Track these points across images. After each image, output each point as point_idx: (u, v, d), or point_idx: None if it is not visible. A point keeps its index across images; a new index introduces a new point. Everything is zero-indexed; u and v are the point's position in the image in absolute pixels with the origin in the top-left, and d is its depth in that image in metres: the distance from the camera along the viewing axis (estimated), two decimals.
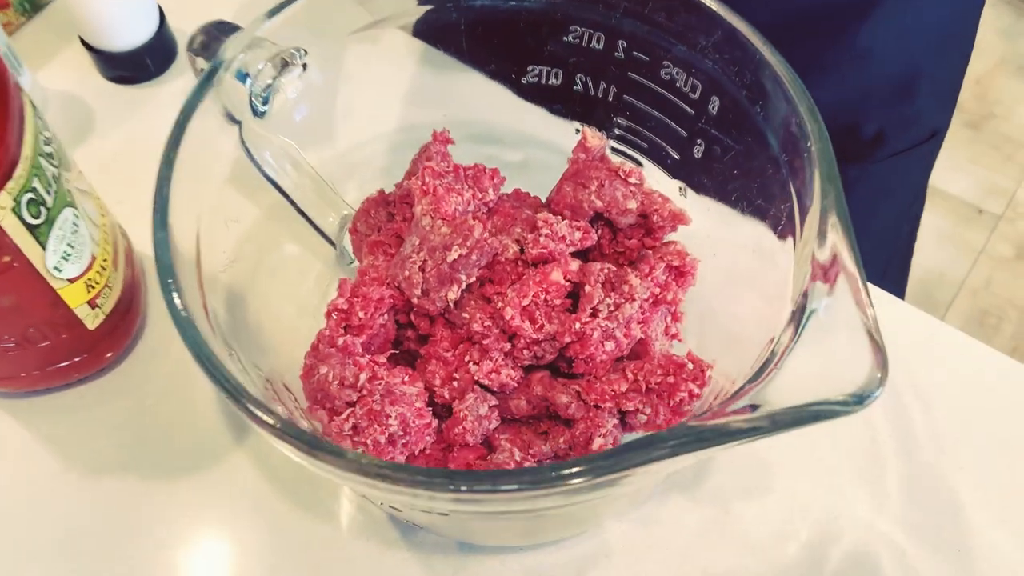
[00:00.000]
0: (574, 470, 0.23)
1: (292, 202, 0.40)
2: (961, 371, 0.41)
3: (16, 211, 0.31)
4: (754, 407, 0.25)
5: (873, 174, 0.56)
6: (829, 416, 0.24)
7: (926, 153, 0.59)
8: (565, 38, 0.36)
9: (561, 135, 0.41)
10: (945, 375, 0.41)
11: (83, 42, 0.49)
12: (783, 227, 0.30)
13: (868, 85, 0.51)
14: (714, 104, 0.33)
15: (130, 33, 0.48)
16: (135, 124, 0.50)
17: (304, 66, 0.34)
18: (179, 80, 0.52)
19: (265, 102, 0.34)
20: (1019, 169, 1.53)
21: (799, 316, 0.26)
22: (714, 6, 0.31)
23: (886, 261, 0.63)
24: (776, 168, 0.30)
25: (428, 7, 0.37)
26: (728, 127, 0.33)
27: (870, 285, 0.43)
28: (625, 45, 0.35)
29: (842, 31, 0.48)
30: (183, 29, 0.53)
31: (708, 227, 0.37)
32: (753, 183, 0.33)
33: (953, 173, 1.52)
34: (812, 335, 0.26)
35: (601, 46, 0.36)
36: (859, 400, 0.24)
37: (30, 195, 0.31)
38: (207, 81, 0.31)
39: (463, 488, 0.24)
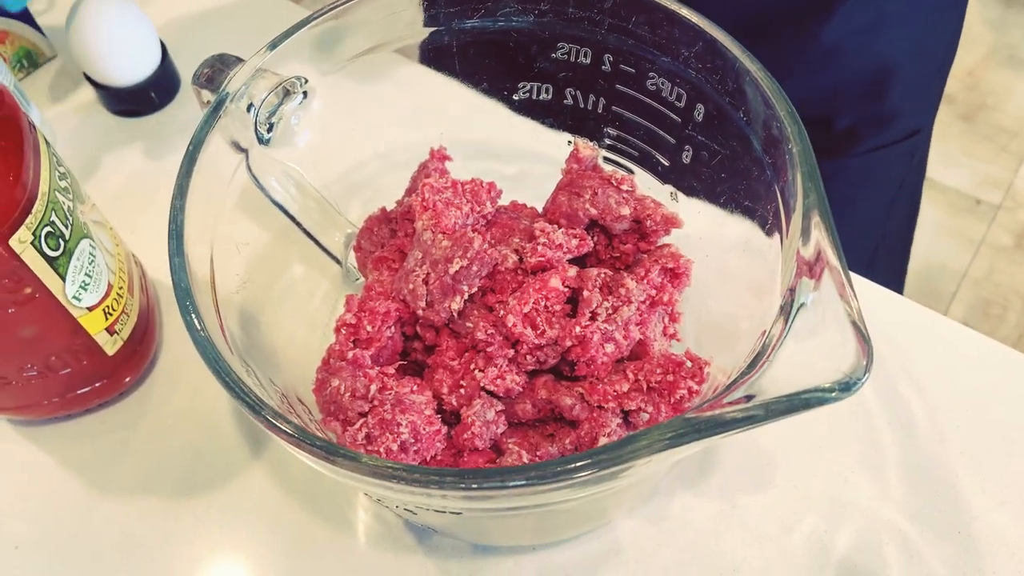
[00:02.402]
0: (578, 464, 0.24)
1: (298, 224, 0.41)
2: (955, 359, 0.42)
3: (36, 245, 0.32)
4: (749, 397, 0.27)
5: (850, 169, 0.56)
6: (819, 403, 0.25)
7: (908, 151, 0.59)
8: (554, 55, 0.37)
9: (554, 147, 0.42)
10: (940, 363, 0.42)
11: (88, 79, 0.51)
12: (770, 226, 0.32)
13: (837, 82, 0.52)
14: (699, 111, 0.35)
15: (134, 69, 0.50)
16: (141, 156, 0.51)
17: (305, 94, 0.36)
18: (182, 111, 0.53)
19: (269, 130, 0.35)
20: (1015, 159, 1.54)
21: (788, 310, 0.28)
22: (694, 18, 0.32)
23: (873, 252, 0.63)
24: (761, 170, 0.32)
25: (424, 31, 0.39)
26: (714, 132, 0.34)
27: (859, 277, 0.44)
28: (611, 59, 0.36)
29: (806, 29, 0.48)
30: (185, 62, 0.55)
31: (700, 229, 0.38)
32: (740, 185, 0.34)
33: (949, 165, 1.53)
34: (801, 327, 0.27)
35: (588, 61, 0.37)
36: (846, 387, 0.25)
37: (48, 229, 0.33)
38: (214, 113, 0.32)
39: (474, 485, 0.25)
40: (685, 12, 0.33)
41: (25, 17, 0.52)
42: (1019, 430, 0.40)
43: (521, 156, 0.46)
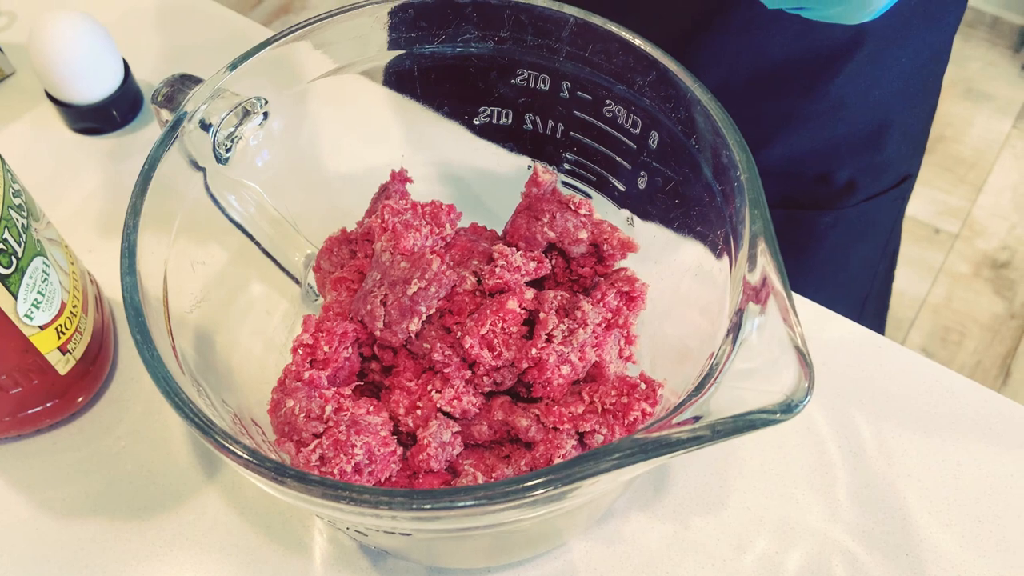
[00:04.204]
0: (525, 485, 0.24)
1: (257, 243, 0.41)
2: (904, 384, 0.43)
3: None
4: (696, 418, 0.27)
5: (847, 219, 0.58)
6: (763, 424, 0.26)
7: (898, 196, 0.61)
8: (513, 80, 0.38)
9: (515, 170, 0.43)
10: (889, 389, 0.43)
11: (49, 96, 0.50)
12: (720, 250, 0.32)
13: (840, 135, 0.53)
14: (654, 138, 0.35)
15: (96, 87, 0.49)
16: (102, 174, 0.51)
17: (265, 115, 0.36)
18: (145, 129, 0.53)
19: (228, 150, 0.35)
20: (972, 189, 1.58)
21: (735, 333, 0.28)
22: (647, 48, 0.33)
23: (864, 299, 0.65)
24: (711, 196, 0.32)
25: (386, 54, 0.39)
26: (667, 159, 0.35)
27: (848, 321, 0.45)
28: (569, 86, 0.37)
29: (815, 85, 0.50)
30: (148, 80, 0.55)
31: (655, 253, 0.39)
32: (692, 210, 0.35)
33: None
34: (747, 351, 0.27)
35: (547, 87, 0.38)
36: (788, 408, 0.25)
37: (0, 246, 0.33)
38: (171, 132, 0.32)
39: (424, 506, 0.25)
40: (639, 42, 0.33)
41: None
42: (964, 454, 0.41)
43: (482, 178, 0.46)
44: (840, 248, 0.59)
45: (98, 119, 0.51)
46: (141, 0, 0.60)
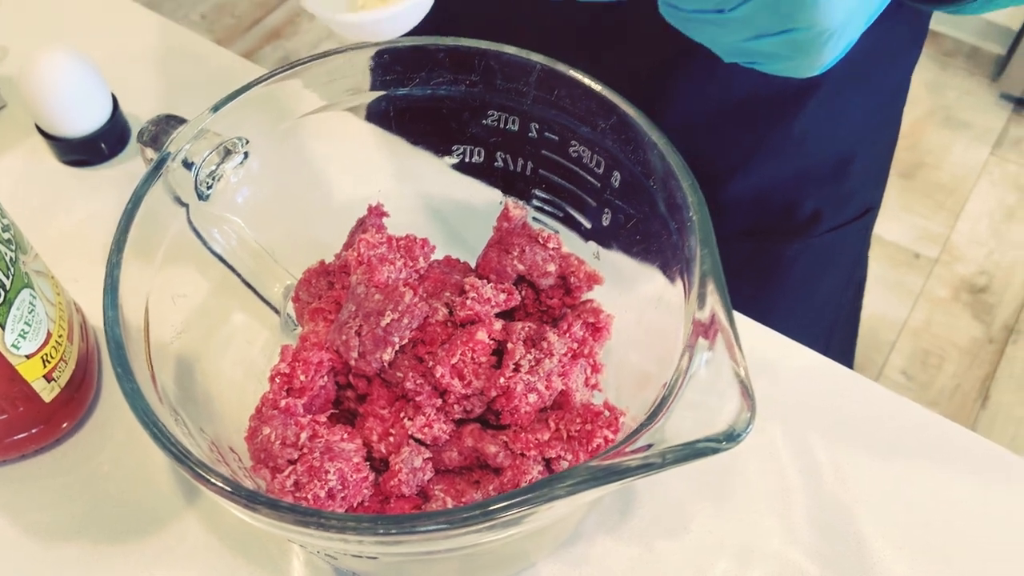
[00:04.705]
0: (482, 511, 0.26)
1: (238, 274, 0.42)
2: (861, 413, 0.45)
3: None
4: (649, 446, 0.29)
5: (812, 249, 0.60)
6: (711, 452, 0.28)
7: (862, 227, 0.63)
8: (484, 121, 0.40)
9: (488, 204, 0.44)
10: (847, 417, 0.44)
11: (39, 129, 0.52)
12: (677, 283, 0.34)
13: (804, 168, 0.55)
14: (616, 178, 0.37)
15: (85, 120, 0.51)
16: (89, 205, 0.52)
17: (246, 154, 0.38)
18: (132, 161, 0.55)
19: (209, 187, 0.37)
20: (951, 215, 1.61)
21: (686, 367, 0.30)
22: (607, 94, 0.35)
23: (831, 327, 0.66)
24: (668, 233, 0.34)
25: (366, 95, 0.41)
26: (629, 198, 0.37)
27: (812, 352, 0.47)
28: (537, 127, 0.39)
29: (778, 120, 0.52)
30: (136, 114, 0.56)
31: (620, 285, 0.40)
32: (652, 246, 0.36)
33: (889, 220, 1.59)
34: (696, 383, 0.29)
35: (516, 128, 0.40)
36: (731, 437, 0.27)
37: None
38: (155, 171, 0.34)
39: (388, 531, 0.27)
40: (599, 88, 0.35)
41: None
42: (917, 479, 0.42)
43: (458, 209, 0.48)
44: (807, 277, 0.61)
45: (87, 151, 0.53)
46: (131, 37, 0.62)
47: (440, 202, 0.48)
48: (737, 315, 0.48)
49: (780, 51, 0.29)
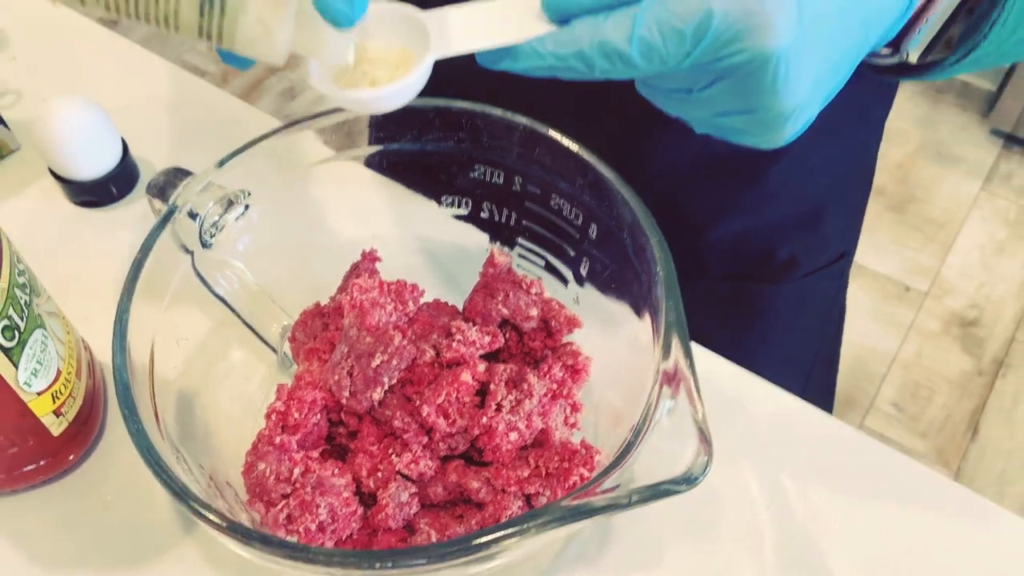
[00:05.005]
0: (458, 548, 0.28)
1: (238, 315, 0.45)
2: (831, 453, 0.47)
3: None
4: (616, 486, 0.31)
5: (788, 292, 0.62)
6: (672, 493, 0.30)
7: (837, 271, 0.65)
8: (471, 174, 0.42)
9: (477, 245, 0.47)
10: (817, 457, 0.46)
11: (52, 172, 0.55)
12: (649, 328, 0.36)
13: (779, 217, 0.58)
14: (593, 230, 0.40)
15: (96, 164, 0.54)
16: (99, 244, 0.55)
17: (246, 206, 0.40)
18: (140, 202, 0.57)
19: (212, 236, 0.40)
20: (941, 248, 1.63)
21: (651, 412, 0.32)
22: (583, 154, 0.38)
23: (810, 366, 0.69)
24: (640, 284, 0.37)
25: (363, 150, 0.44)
26: (604, 249, 0.39)
27: (795, 397, 0.49)
28: (520, 181, 0.42)
29: (753, 174, 0.55)
30: (144, 157, 0.59)
31: (598, 329, 0.43)
32: (626, 293, 0.39)
33: (880, 254, 1.62)
34: (659, 429, 0.31)
35: (501, 181, 0.42)
36: (689, 480, 0.29)
37: (5, 322, 0.37)
38: (163, 223, 0.37)
39: (373, 565, 0.29)
40: (576, 148, 0.38)
41: None
42: (890, 521, 0.44)
43: (449, 252, 0.50)
44: (785, 318, 0.63)
45: (97, 193, 0.55)
46: (141, 82, 0.65)
47: (433, 244, 0.51)
48: (718, 358, 0.50)
49: (745, 127, 0.31)
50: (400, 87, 0.30)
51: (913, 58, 0.36)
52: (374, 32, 0.31)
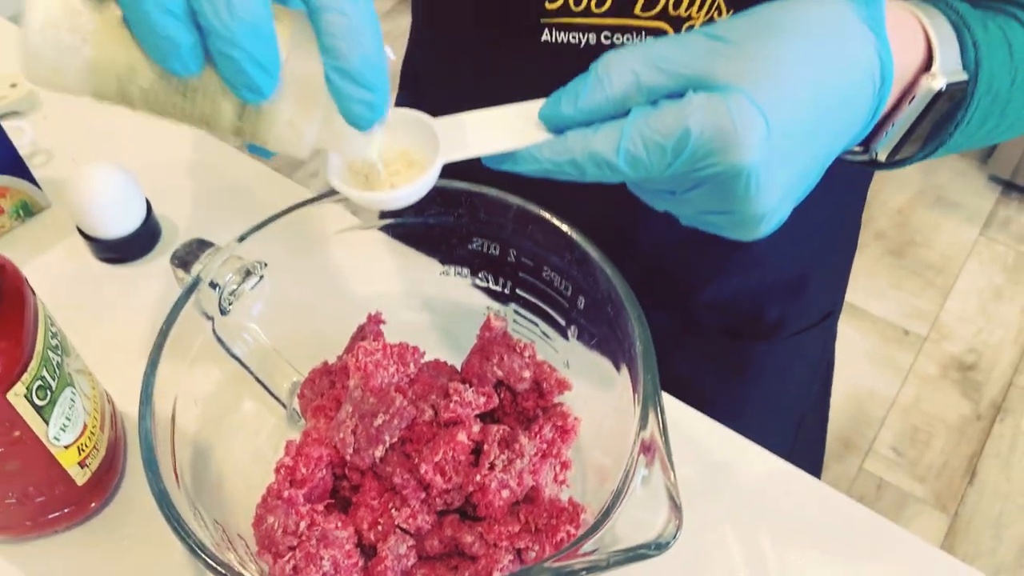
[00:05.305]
0: None
1: (252, 373, 0.48)
2: (810, 513, 0.49)
3: (28, 396, 0.39)
4: (595, 549, 0.34)
5: (777, 350, 0.65)
6: (645, 557, 0.33)
7: (824, 329, 0.68)
8: (470, 246, 0.46)
9: (477, 305, 0.50)
10: (795, 517, 0.49)
11: (80, 231, 0.59)
12: (630, 392, 0.39)
13: (766, 283, 0.61)
14: (581, 301, 0.43)
15: (121, 225, 0.57)
16: (122, 298, 0.58)
17: (261, 277, 0.44)
18: (161, 259, 0.61)
19: (230, 303, 0.43)
20: (940, 293, 1.66)
21: (629, 479, 0.35)
22: (571, 233, 0.41)
23: (800, 418, 0.71)
24: (622, 353, 0.40)
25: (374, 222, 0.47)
26: (591, 319, 0.43)
27: (781, 460, 0.51)
28: (515, 253, 0.45)
29: (740, 243, 0.58)
30: (167, 216, 0.63)
31: (586, 391, 0.46)
32: (611, 359, 0.42)
33: (879, 297, 1.64)
34: (635, 496, 0.34)
35: (497, 253, 0.46)
36: (660, 546, 0.32)
37: (39, 383, 0.40)
38: (187, 294, 0.40)
39: None
40: (565, 227, 0.41)
41: (25, 173, 0.60)
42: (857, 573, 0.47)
43: (450, 312, 0.54)
44: (775, 372, 0.66)
45: (121, 251, 0.59)
46: (168, 146, 0.69)
47: (435, 302, 0.54)
48: (710, 420, 0.52)
49: (724, 224, 0.35)
50: (413, 189, 0.33)
51: (882, 157, 0.39)
52: (389, 132, 0.34)
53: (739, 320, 0.63)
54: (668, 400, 0.53)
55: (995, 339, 1.58)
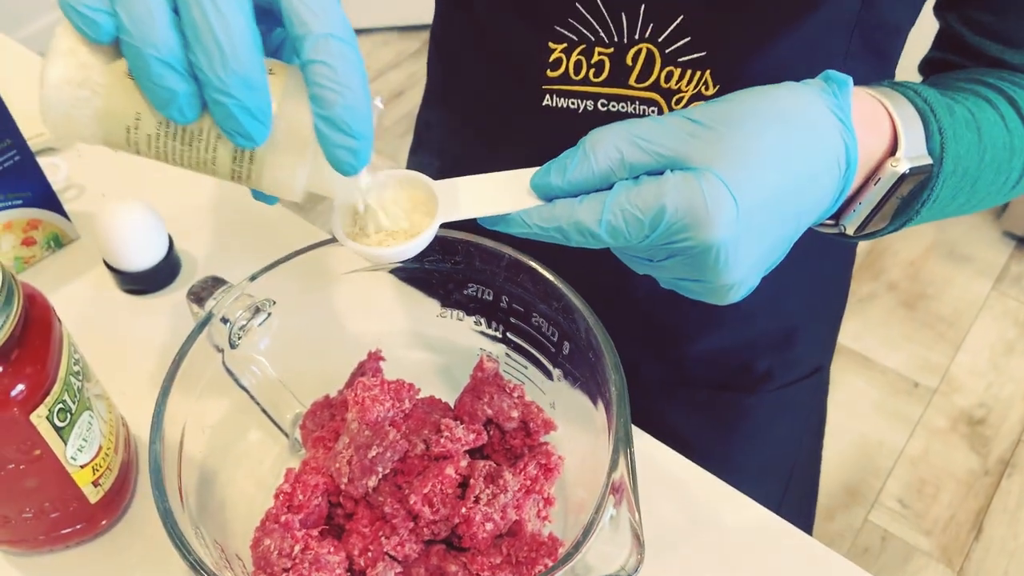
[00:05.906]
0: None
1: (258, 404, 0.51)
2: (800, 569, 0.51)
3: (49, 418, 0.43)
4: None
5: (766, 402, 0.67)
6: None
7: (815, 384, 0.70)
8: (465, 291, 0.49)
9: (472, 344, 0.53)
10: (777, 564, 0.51)
11: (106, 263, 0.62)
12: (608, 433, 0.42)
13: (753, 337, 0.63)
14: (566, 347, 0.46)
15: (145, 258, 0.61)
16: (143, 327, 0.62)
17: (269, 314, 0.47)
18: (180, 291, 0.65)
19: (240, 338, 0.46)
20: (951, 346, 1.66)
21: (599, 516, 0.37)
22: (557, 283, 0.44)
23: (791, 468, 0.73)
24: (602, 396, 0.42)
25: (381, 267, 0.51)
26: (575, 364, 0.45)
27: (770, 512, 0.53)
28: (507, 299, 0.48)
29: None
30: (187, 250, 0.67)
31: (571, 431, 0.48)
32: (592, 402, 0.44)
33: (890, 348, 1.65)
34: (606, 530, 0.37)
35: (491, 298, 0.49)
36: None
37: (61, 406, 0.43)
38: (200, 328, 0.43)
39: None
40: (551, 277, 0.44)
41: (57, 207, 0.65)
42: None
43: (447, 349, 0.56)
44: (764, 424, 0.68)
45: (144, 283, 0.63)
46: (191, 184, 0.72)
47: (433, 340, 0.57)
48: (696, 467, 0.54)
49: (697, 290, 0.37)
50: (412, 246, 0.36)
51: (850, 231, 0.42)
52: (394, 188, 0.38)
53: (727, 372, 0.65)
54: (659, 448, 0.55)
55: (1005, 394, 1.58)
